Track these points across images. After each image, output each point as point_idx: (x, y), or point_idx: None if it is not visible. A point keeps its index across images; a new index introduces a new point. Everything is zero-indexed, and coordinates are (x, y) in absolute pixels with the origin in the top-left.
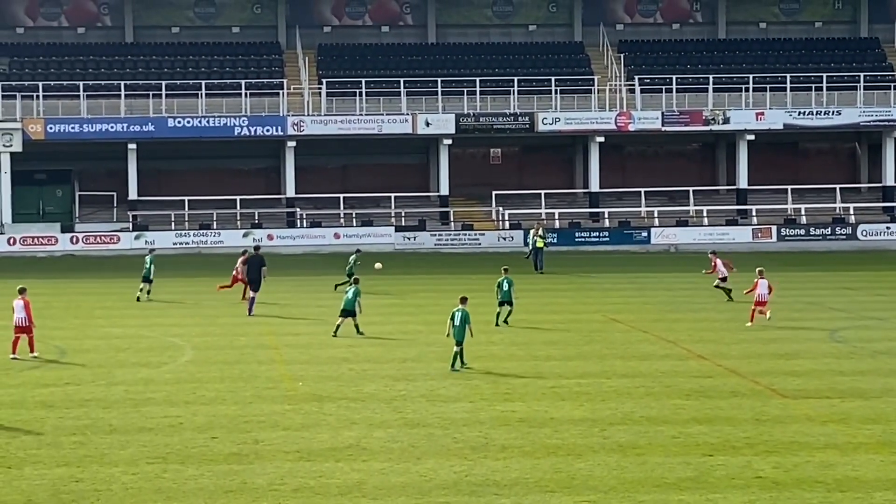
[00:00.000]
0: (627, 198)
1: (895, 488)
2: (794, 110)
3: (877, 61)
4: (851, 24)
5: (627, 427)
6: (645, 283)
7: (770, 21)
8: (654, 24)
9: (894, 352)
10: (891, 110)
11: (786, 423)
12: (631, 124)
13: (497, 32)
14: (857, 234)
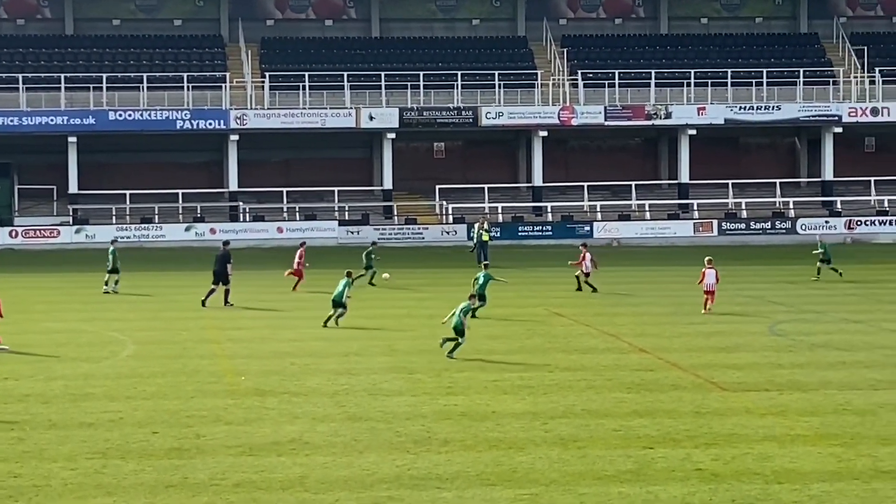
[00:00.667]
0: (570, 192)
1: (832, 480)
2: (735, 105)
3: (816, 57)
4: (791, 20)
5: (569, 420)
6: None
7: (712, 16)
8: (597, 18)
9: (832, 345)
10: (830, 105)
11: (725, 416)
12: (574, 119)
13: (441, 27)
14: (797, 228)
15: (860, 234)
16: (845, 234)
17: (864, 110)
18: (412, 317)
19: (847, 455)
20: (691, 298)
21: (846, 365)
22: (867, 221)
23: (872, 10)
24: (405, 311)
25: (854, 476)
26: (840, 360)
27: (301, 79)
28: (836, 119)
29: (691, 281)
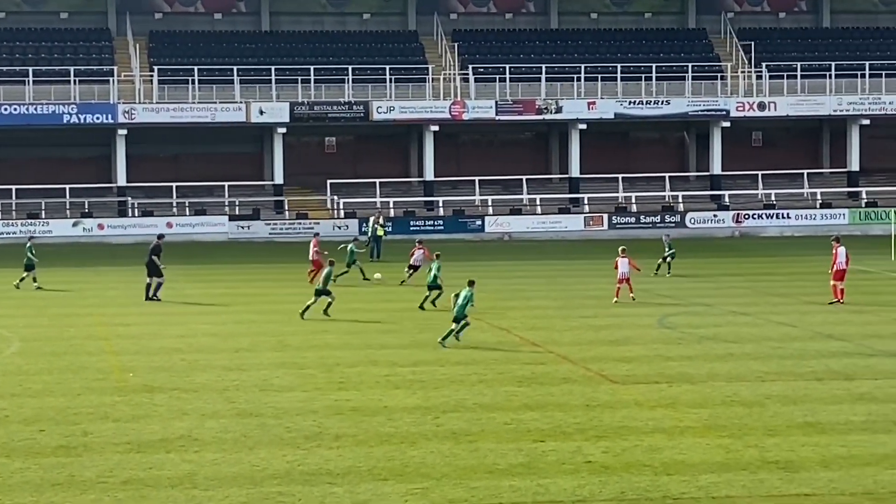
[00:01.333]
0: (462, 186)
1: (720, 471)
2: (625, 100)
3: (704, 52)
4: (680, 15)
5: (460, 414)
6: (479, 272)
7: (601, 12)
8: (488, 13)
9: (720, 337)
10: (718, 100)
11: (615, 409)
12: (465, 113)
13: (331, 21)
14: (686, 221)
15: (748, 227)
16: (733, 228)
17: (751, 105)
18: None
19: (735, 446)
20: (582, 292)
21: (734, 357)
22: (754, 215)
23: (759, 6)
24: (296, 307)
25: (741, 467)
26: (728, 352)
27: (190, 73)
28: (724, 114)
29: (582, 275)
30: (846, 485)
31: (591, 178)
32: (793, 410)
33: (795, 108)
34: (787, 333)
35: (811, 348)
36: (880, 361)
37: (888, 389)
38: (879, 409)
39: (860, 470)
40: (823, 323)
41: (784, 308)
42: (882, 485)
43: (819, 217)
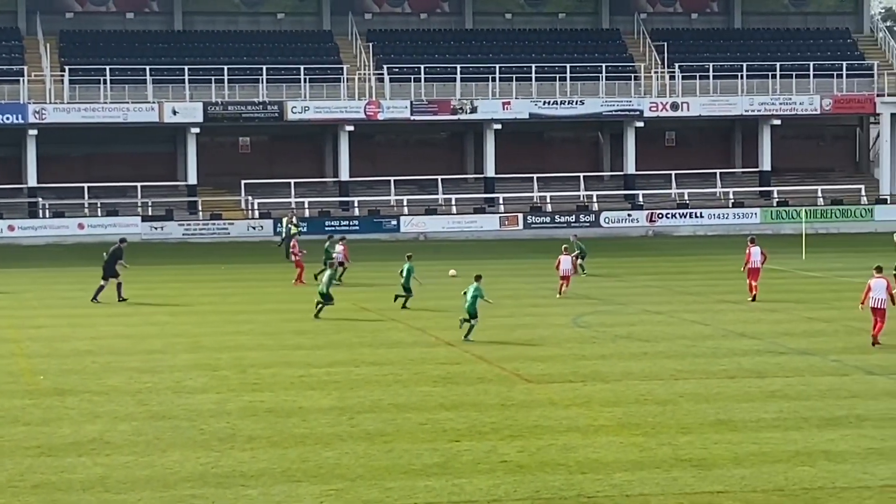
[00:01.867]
0: (377, 186)
1: (634, 469)
2: (540, 100)
3: (618, 52)
4: (594, 16)
5: (376, 415)
6: (394, 272)
7: (516, 12)
8: (403, 13)
9: (634, 336)
10: (631, 100)
11: (530, 408)
12: (380, 113)
13: (245, 20)
14: (601, 221)
15: (661, 226)
16: (647, 227)
17: (664, 105)
18: (217, 313)
19: (648, 444)
20: (497, 292)
21: (648, 356)
22: (668, 214)
23: (672, 7)
24: (210, 308)
25: (655, 465)
26: (642, 350)
27: (102, 72)
28: (638, 114)
29: (497, 274)
30: (758, 481)
31: (505, 177)
32: (705, 408)
33: (708, 109)
34: (699, 332)
35: (724, 346)
36: (791, 359)
37: (799, 387)
38: (790, 407)
39: (772, 467)
40: (736, 321)
41: (697, 307)
42: (793, 481)
43: (731, 216)
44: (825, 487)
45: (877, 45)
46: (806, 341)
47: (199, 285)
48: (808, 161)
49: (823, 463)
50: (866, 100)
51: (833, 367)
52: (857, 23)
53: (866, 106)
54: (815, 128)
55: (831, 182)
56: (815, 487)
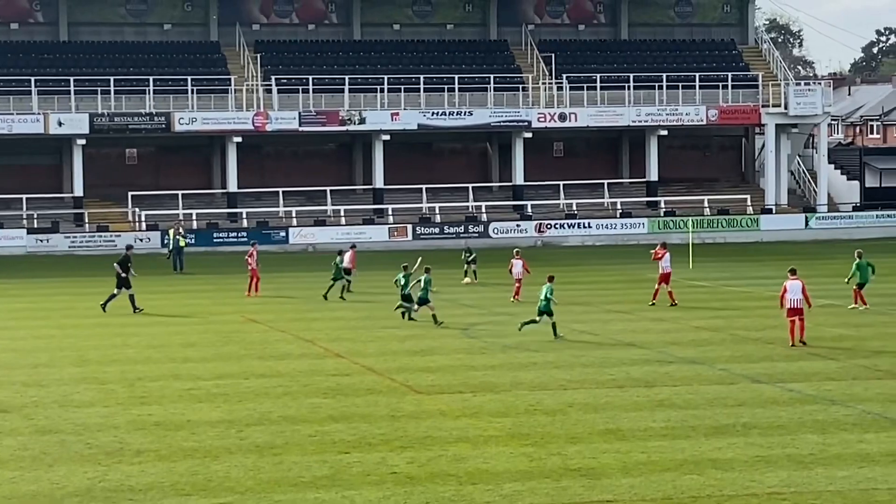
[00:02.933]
0: (266, 198)
1: (523, 479)
2: (428, 111)
3: (506, 63)
4: (482, 27)
5: (265, 427)
6: (283, 283)
7: (404, 23)
8: (291, 24)
9: (524, 346)
10: (519, 111)
11: (420, 419)
12: (268, 124)
13: (131, 31)
14: (489, 231)
15: (550, 237)
16: (536, 237)
17: (552, 116)
18: (104, 326)
19: (538, 454)
20: (385, 303)
21: (537, 366)
22: (556, 224)
23: (559, 18)
24: (97, 321)
25: (545, 475)
26: (531, 360)
27: None
28: (526, 124)
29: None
30: (646, 490)
31: (394, 188)
32: (594, 418)
33: (595, 119)
34: (588, 341)
35: (612, 356)
36: (679, 368)
37: (686, 396)
38: (678, 416)
39: (660, 475)
40: (624, 331)
41: (586, 316)
42: (681, 490)
43: (619, 226)
44: (713, 496)
45: (761, 56)
46: (693, 350)
47: (86, 298)
48: (695, 171)
49: (711, 471)
50: (751, 110)
51: (720, 375)
52: (742, 34)
53: (751, 116)
54: (701, 138)
55: (717, 192)
56: (703, 496)
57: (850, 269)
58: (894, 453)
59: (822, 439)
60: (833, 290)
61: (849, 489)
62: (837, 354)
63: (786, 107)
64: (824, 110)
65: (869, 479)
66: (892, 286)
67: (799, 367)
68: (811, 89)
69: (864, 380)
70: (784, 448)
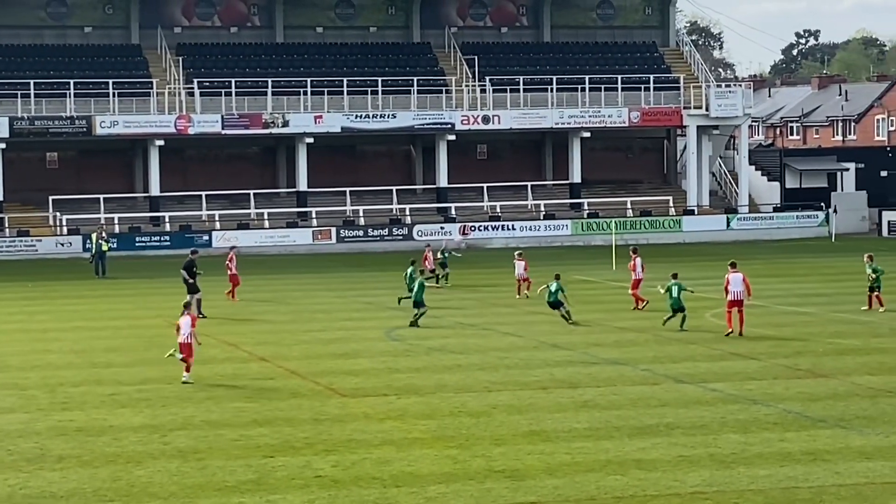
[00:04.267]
0: (188, 201)
1: (448, 481)
2: (352, 114)
3: (429, 66)
4: (404, 30)
5: (188, 432)
6: (206, 287)
7: (327, 26)
8: (213, 27)
9: (448, 348)
10: (443, 114)
11: (345, 422)
12: (191, 128)
13: (51, 34)
14: (413, 234)
15: (474, 239)
16: (460, 240)
17: (475, 118)
18: (24, 331)
19: (462, 456)
20: (310, 306)
21: (461, 368)
22: (480, 227)
23: (482, 21)
24: (17, 326)
25: (469, 477)
26: (456, 363)
27: None
28: (450, 127)
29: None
30: (571, 491)
31: (318, 191)
32: (519, 419)
33: (519, 122)
34: (512, 343)
35: (536, 358)
36: (602, 369)
37: (610, 396)
38: (602, 416)
39: (584, 476)
40: (548, 332)
41: (510, 318)
42: (605, 490)
43: (543, 228)
44: (636, 496)
45: (682, 58)
46: (617, 351)
47: (6, 303)
48: (618, 173)
49: (635, 471)
50: (673, 112)
51: (643, 376)
52: (664, 37)
53: (673, 118)
54: (623, 140)
55: (640, 194)
56: (627, 496)
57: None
58: (814, 452)
59: (743, 439)
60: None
61: (770, 488)
62: (759, 354)
63: (707, 109)
64: (745, 112)
65: (790, 477)
66: (811, 286)
67: (721, 366)
68: (732, 91)
69: (785, 379)
70: (706, 448)
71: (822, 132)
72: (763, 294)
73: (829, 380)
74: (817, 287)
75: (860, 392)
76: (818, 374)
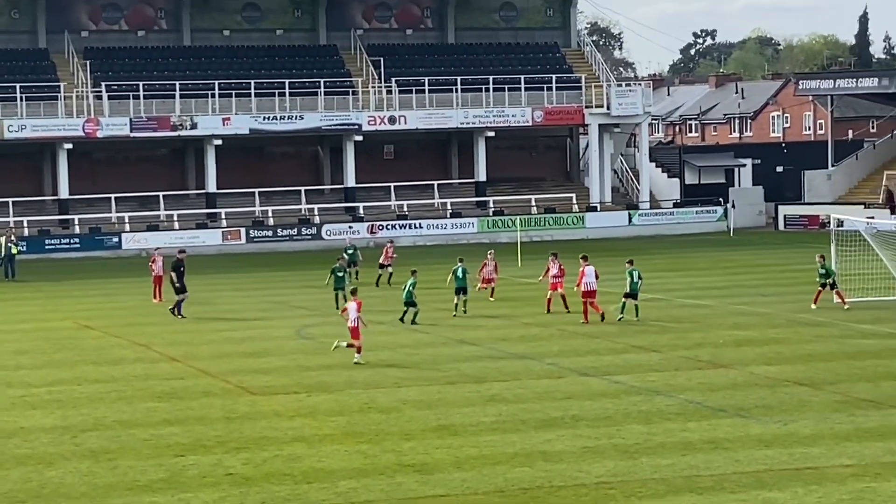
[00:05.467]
0: (98, 204)
1: (358, 476)
2: (259, 115)
3: (336, 68)
4: (311, 32)
5: (100, 432)
6: (117, 289)
7: (234, 28)
8: (120, 31)
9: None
10: (350, 115)
11: (255, 420)
12: (99, 131)
13: None
14: (322, 233)
15: (382, 238)
16: (368, 238)
17: (382, 119)
18: None
19: (373, 451)
20: (219, 306)
21: (371, 364)
22: (388, 226)
23: (387, 23)
24: None
25: (379, 471)
26: (365, 359)
27: None
28: (357, 128)
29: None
30: (478, 484)
31: (227, 192)
32: (427, 414)
33: (424, 122)
34: (420, 340)
35: (444, 353)
36: (509, 364)
37: (516, 390)
38: (508, 410)
39: (491, 469)
40: (455, 328)
41: (420, 315)
42: (512, 482)
43: (449, 226)
44: (543, 487)
45: (584, 59)
46: (523, 346)
47: None
48: (522, 171)
49: (541, 463)
50: (575, 111)
51: (549, 370)
52: (565, 38)
53: (575, 117)
54: (527, 139)
55: (544, 191)
56: (534, 487)
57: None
58: (715, 440)
59: (646, 429)
60: (656, 284)
61: (672, 476)
62: (660, 346)
63: (608, 107)
64: (645, 110)
65: (692, 466)
66: (710, 279)
67: (624, 359)
68: (632, 90)
69: (686, 370)
70: (611, 439)
71: (719, 129)
72: (664, 287)
73: (728, 370)
74: (716, 280)
75: (758, 382)
76: (718, 365)
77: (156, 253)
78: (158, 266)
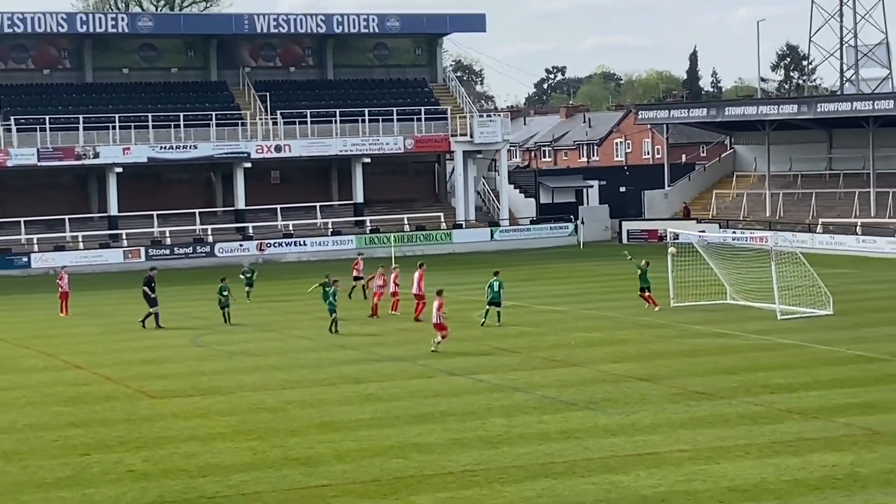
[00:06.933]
0: (8, 227)
1: (249, 470)
2: (157, 145)
3: (226, 102)
4: (203, 70)
5: (10, 435)
6: (23, 305)
7: (132, 67)
8: (27, 69)
9: (248, 352)
10: (239, 144)
11: (154, 421)
12: (9, 160)
13: None
14: (216, 251)
15: (270, 254)
16: (258, 255)
17: (269, 147)
18: None
19: (262, 447)
20: (122, 318)
21: (260, 369)
22: (276, 244)
23: (272, 62)
24: None
25: (268, 465)
26: (255, 365)
27: None
28: (246, 156)
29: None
30: (358, 474)
31: (128, 215)
32: (311, 413)
33: (307, 150)
34: (305, 345)
35: (326, 357)
36: (384, 366)
37: (391, 389)
38: (384, 407)
39: (370, 460)
40: (334, 335)
41: (302, 324)
42: (388, 472)
43: (331, 243)
44: (415, 475)
45: (449, 92)
46: (397, 349)
47: None
48: (396, 193)
49: (414, 454)
50: (442, 139)
51: (420, 370)
52: (432, 74)
53: (442, 145)
54: (400, 164)
55: (415, 211)
56: (407, 476)
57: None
58: (568, 431)
59: (507, 422)
60: (518, 292)
61: (530, 463)
62: (520, 348)
63: (471, 136)
64: (504, 138)
65: (547, 454)
66: (563, 287)
67: (488, 360)
68: (492, 120)
69: (543, 369)
70: (476, 431)
71: (570, 154)
72: (524, 295)
73: (580, 368)
74: (569, 288)
75: (606, 378)
76: (571, 364)
77: (62, 271)
78: (65, 283)
